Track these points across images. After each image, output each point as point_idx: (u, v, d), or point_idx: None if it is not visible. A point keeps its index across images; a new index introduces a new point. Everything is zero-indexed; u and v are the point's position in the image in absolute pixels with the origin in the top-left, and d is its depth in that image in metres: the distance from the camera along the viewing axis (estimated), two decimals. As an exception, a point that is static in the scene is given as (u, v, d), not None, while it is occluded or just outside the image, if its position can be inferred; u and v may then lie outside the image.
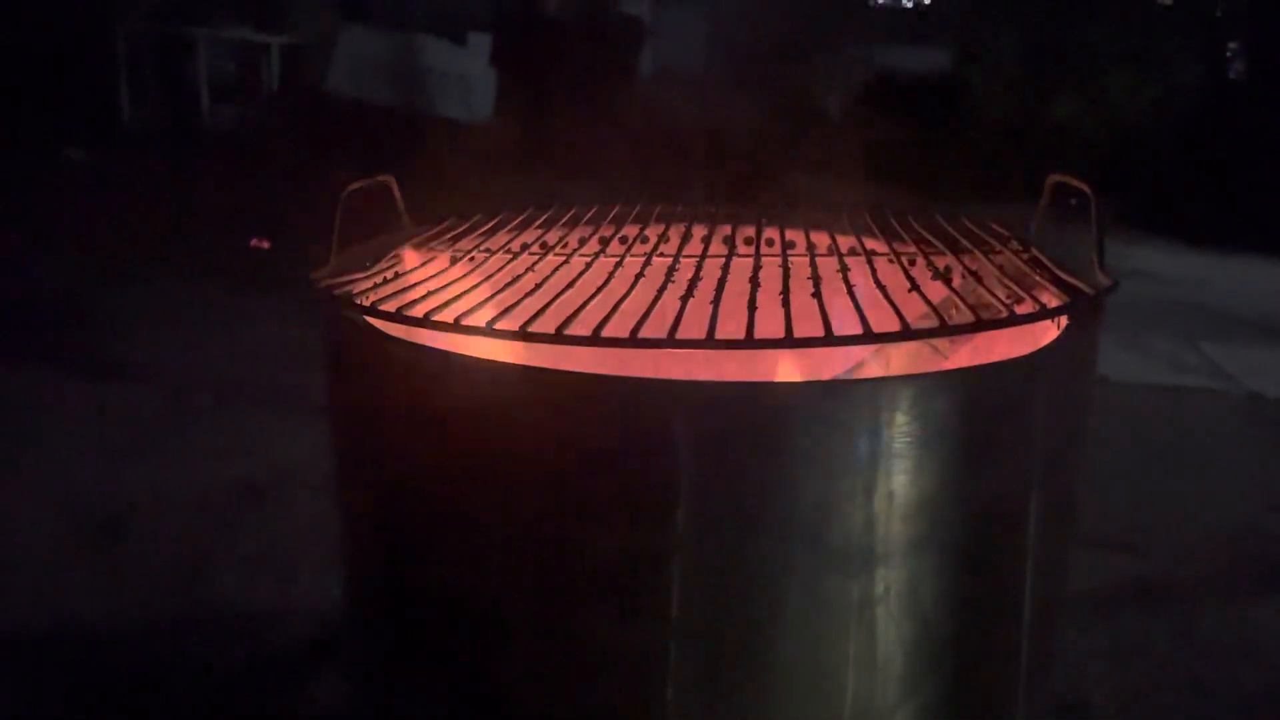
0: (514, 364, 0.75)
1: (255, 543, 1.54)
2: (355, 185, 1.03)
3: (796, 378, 0.88)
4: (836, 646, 0.77)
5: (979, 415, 0.75)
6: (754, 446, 0.73)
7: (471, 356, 0.77)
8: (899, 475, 0.74)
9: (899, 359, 0.97)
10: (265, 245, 3.52)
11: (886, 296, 0.82)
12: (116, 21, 5.52)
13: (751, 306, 0.80)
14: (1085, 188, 0.92)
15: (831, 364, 0.94)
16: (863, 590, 0.76)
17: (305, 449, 1.80)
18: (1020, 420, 0.78)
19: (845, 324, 0.75)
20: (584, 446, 0.74)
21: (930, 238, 1.06)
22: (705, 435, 0.73)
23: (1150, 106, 6.05)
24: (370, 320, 0.83)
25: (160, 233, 3.68)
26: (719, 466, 0.74)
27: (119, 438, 1.95)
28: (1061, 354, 0.80)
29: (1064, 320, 0.83)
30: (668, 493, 0.74)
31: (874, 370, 0.95)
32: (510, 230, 1.16)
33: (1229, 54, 5.32)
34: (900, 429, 0.73)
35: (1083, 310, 0.80)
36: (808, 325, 0.75)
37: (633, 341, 0.73)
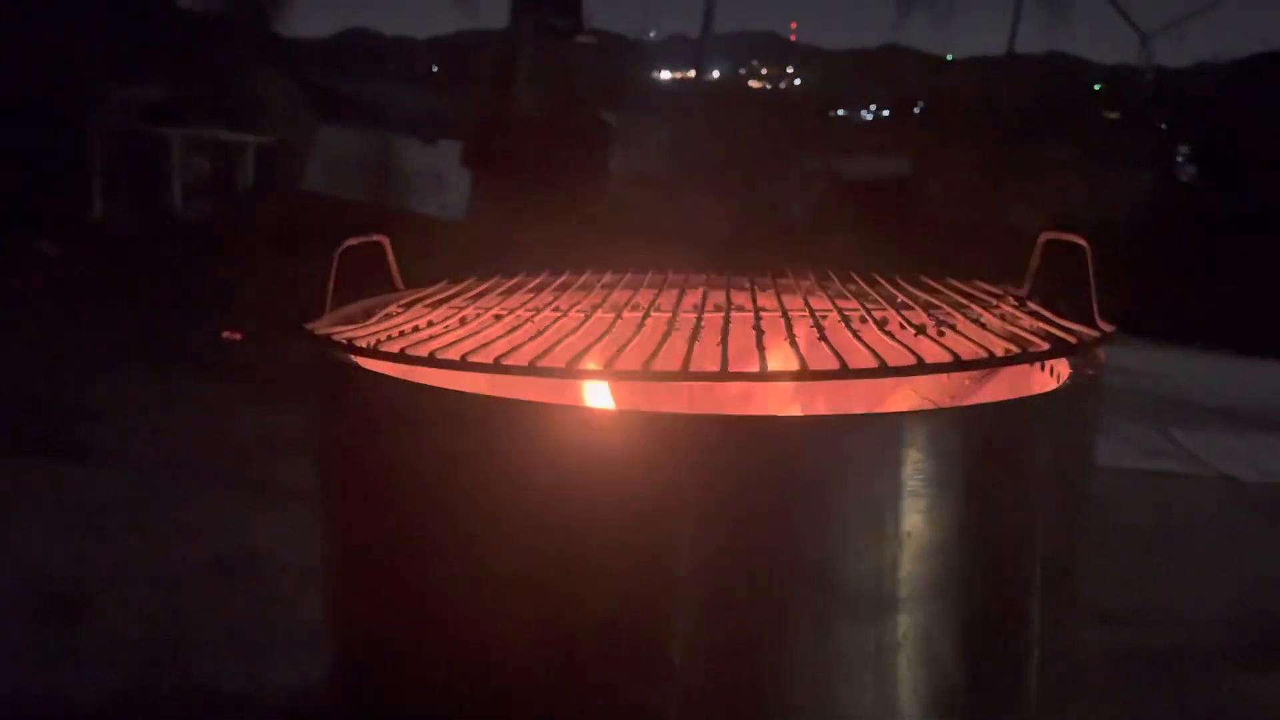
0: (515, 399, 0.73)
1: (224, 623, 1.48)
2: (351, 241, 1.02)
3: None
4: (851, 696, 0.74)
5: (994, 452, 0.74)
6: (764, 484, 0.71)
7: (474, 394, 0.75)
8: (914, 514, 0.72)
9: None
10: (238, 337, 3.49)
11: (896, 341, 0.81)
12: (92, 117, 5.57)
13: (761, 347, 0.79)
14: (1080, 240, 0.93)
15: (840, 409, 0.93)
16: (879, 636, 0.73)
17: (274, 530, 1.75)
18: (1034, 458, 0.77)
19: (859, 364, 0.74)
20: (582, 485, 0.72)
21: (927, 298, 1.06)
22: (712, 472, 0.71)
23: (1105, 212, 6.26)
24: (365, 362, 0.81)
25: (130, 324, 3.64)
26: (726, 505, 0.71)
27: (86, 520, 1.89)
28: (1072, 393, 0.80)
29: (1070, 361, 0.82)
30: (670, 533, 0.71)
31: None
32: (502, 293, 1.15)
33: (1179, 159, 5.55)
34: (915, 466, 0.71)
35: (1091, 348, 0.80)
36: (820, 365, 0.74)
37: (645, 375, 0.71)
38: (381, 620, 0.83)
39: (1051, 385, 0.88)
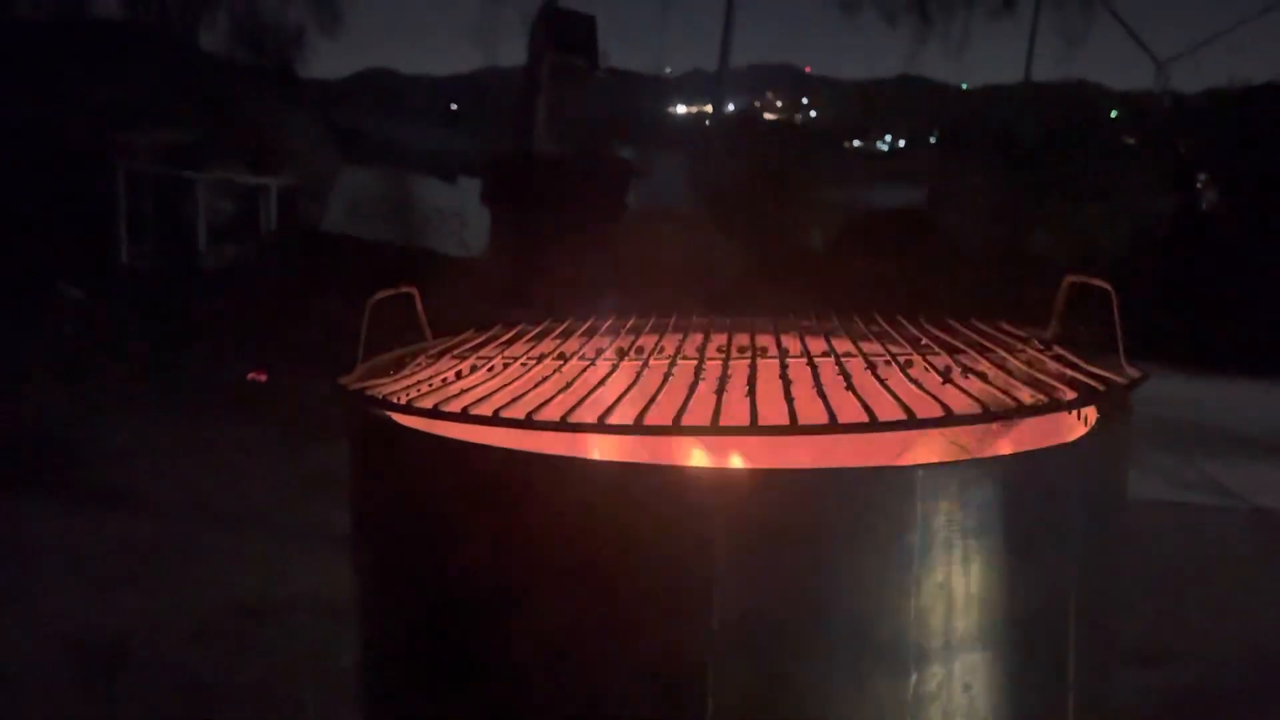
0: (546, 454, 0.74)
1: (257, 668, 1.49)
2: (381, 295, 1.03)
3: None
4: (889, 750, 0.74)
5: (1027, 501, 0.74)
6: (797, 536, 0.72)
7: (507, 449, 0.75)
8: (950, 566, 0.72)
9: (927, 458, 0.96)
10: (262, 378, 3.53)
11: (922, 389, 0.82)
12: (118, 162, 5.66)
13: (789, 397, 0.79)
14: (1105, 285, 0.93)
15: (868, 455, 0.93)
16: (916, 689, 0.73)
17: (304, 574, 1.76)
18: (1067, 505, 0.77)
19: (886, 413, 0.75)
20: (615, 540, 0.72)
21: (952, 340, 1.06)
22: (745, 525, 0.71)
23: (1124, 238, 6.23)
24: (400, 418, 0.83)
25: (157, 366, 3.68)
26: (759, 559, 0.72)
27: (116, 565, 1.90)
28: (1103, 440, 0.80)
29: (1100, 409, 0.83)
30: (703, 587, 0.72)
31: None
32: (529, 341, 1.16)
33: (1198, 184, 5.52)
34: (950, 517, 0.72)
35: (1120, 396, 0.81)
36: (848, 415, 0.75)
37: (677, 429, 0.72)
38: (414, 671, 0.83)
39: (1080, 430, 0.88)
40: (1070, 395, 0.78)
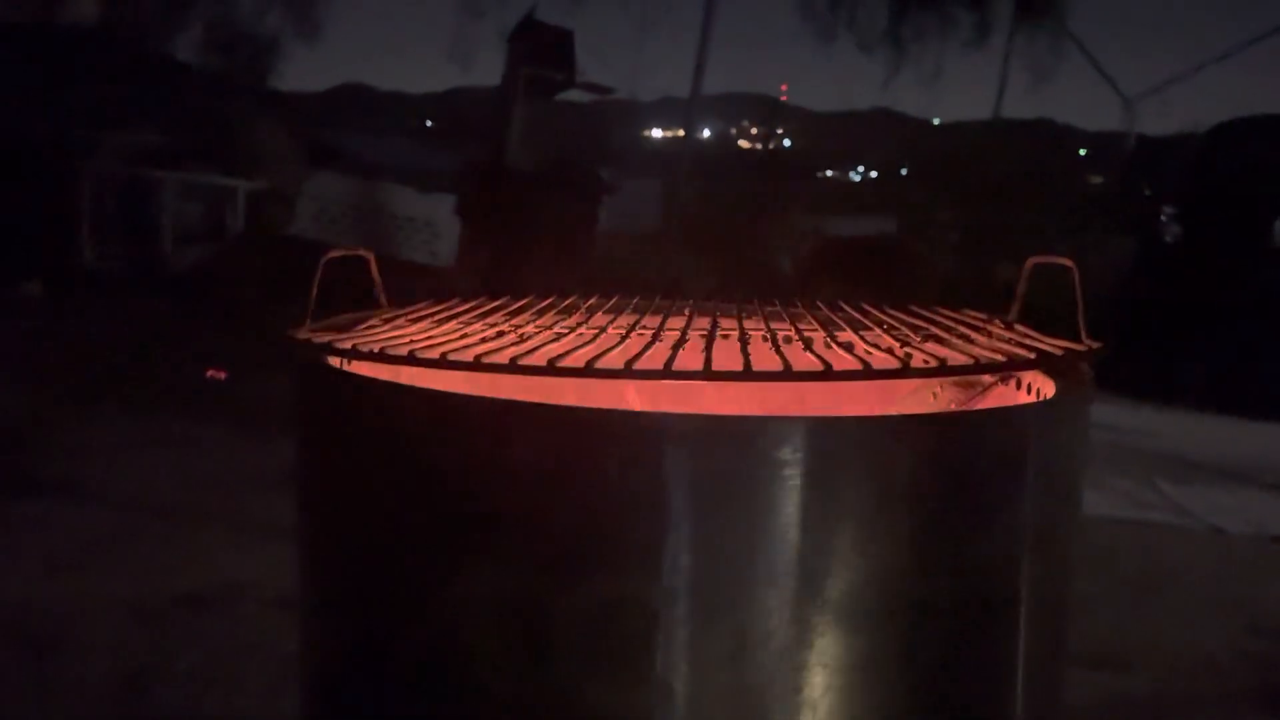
0: (497, 398, 0.72)
1: (199, 655, 1.44)
2: (335, 253, 1.01)
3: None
4: (836, 712, 0.72)
5: (984, 460, 0.72)
6: (749, 485, 0.69)
7: (455, 393, 0.73)
8: (903, 524, 0.71)
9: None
10: (222, 376, 3.47)
11: (883, 350, 0.80)
12: (85, 162, 5.59)
13: (745, 352, 0.78)
14: (1066, 262, 0.93)
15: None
16: (864, 651, 0.71)
17: (254, 565, 1.72)
18: (1017, 471, 0.75)
19: (843, 366, 0.73)
20: (562, 486, 0.70)
21: (916, 321, 1.05)
22: (696, 473, 0.69)
23: (1091, 273, 6.31)
24: (345, 364, 0.80)
25: (119, 364, 3.62)
26: (711, 509, 0.70)
27: (64, 554, 1.85)
28: (1059, 406, 0.78)
29: (1057, 383, 0.82)
30: (653, 537, 0.69)
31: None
32: (485, 311, 1.14)
33: (1162, 220, 5.60)
34: (905, 470, 0.70)
35: (1076, 362, 0.80)
36: (804, 368, 0.73)
37: (626, 373, 0.70)
38: (354, 626, 0.80)
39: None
40: (1031, 357, 0.77)
